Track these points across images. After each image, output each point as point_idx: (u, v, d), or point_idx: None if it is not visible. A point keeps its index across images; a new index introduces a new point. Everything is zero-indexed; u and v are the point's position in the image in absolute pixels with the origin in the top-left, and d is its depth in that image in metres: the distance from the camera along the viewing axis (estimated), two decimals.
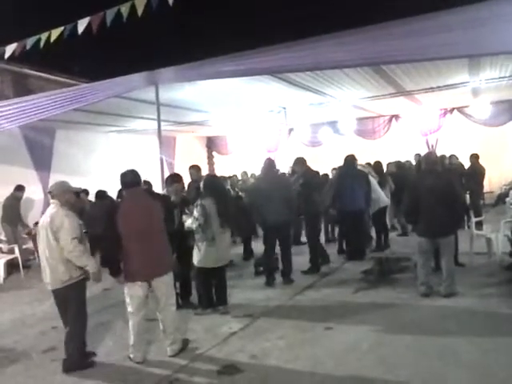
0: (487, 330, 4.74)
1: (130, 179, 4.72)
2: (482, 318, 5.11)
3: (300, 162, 8.02)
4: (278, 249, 7.33)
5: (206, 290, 6.05)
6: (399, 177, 9.65)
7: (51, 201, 4.68)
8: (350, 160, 8.63)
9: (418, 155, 10.86)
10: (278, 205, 6.88)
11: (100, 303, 6.94)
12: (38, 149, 11.27)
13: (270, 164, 7.40)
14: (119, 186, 4.91)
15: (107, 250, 4.71)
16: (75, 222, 4.56)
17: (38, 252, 5.42)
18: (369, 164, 10.16)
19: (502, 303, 5.45)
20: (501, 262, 6.96)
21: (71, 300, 4.58)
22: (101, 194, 9.74)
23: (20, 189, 9.97)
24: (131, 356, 4.68)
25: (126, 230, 4.50)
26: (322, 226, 9.95)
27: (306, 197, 7.49)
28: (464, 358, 4.16)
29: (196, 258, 5.89)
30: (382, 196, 8.90)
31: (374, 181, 8.89)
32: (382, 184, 9.18)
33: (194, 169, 7.71)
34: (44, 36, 5.87)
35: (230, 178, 10.86)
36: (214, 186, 6.08)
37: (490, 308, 5.37)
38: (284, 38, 5.94)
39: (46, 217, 4.58)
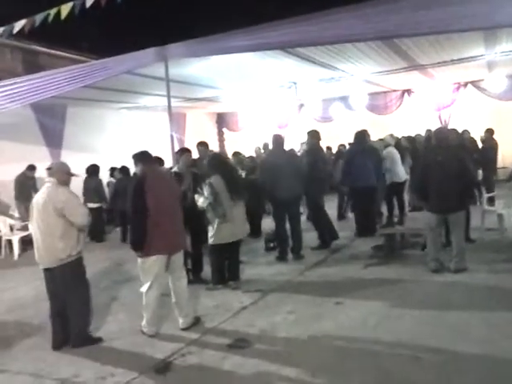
0: (497, 306, 4.75)
1: (149, 156, 4.85)
2: (491, 293, 5.11)
3: (311, 134, 8.02)
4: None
5: (218, 266, 6.11)
6: (412, 151, 9.58)
7: (48, 178, 4.64)
8: (361, 135, 8.57)
9: (429, 131, 10.72)
10: (288, 181, 6.89)
11: (112, 278, 7.09)
12: (50, 126, 11.33)
13: (278, 140, 7.39)
14: (129, 163, 4.95)
15: (137, 223, 4.62)
16: (79, 197, 4.74)
17: None
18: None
19: (511, 279, 5.43)
20: None
21: (70, 278, 4.55)
22: (126, 170, 9.80)
23: (31, 168, 10.12)
24: (144, 330, 4.77)
25: (155, 203, 4.53)
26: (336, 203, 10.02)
27: (309, 173, 7.46)
28: (473, 333, 4.18)
29: (211, 236, 5.94)
30: (399, 170, 8.85)
31: (394, 154, 8.87)
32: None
33: (203, 146, 7.64)
34: (53, 12, 5.82)
35: (236, 155, 10.64)
36: (218, 163, 6.11)
37: (500, 284, 5.36)
38: (295, 12, 5.85)
39: (42, 195, 4.52)
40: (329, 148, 13.43)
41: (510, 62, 10.12)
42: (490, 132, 10.32)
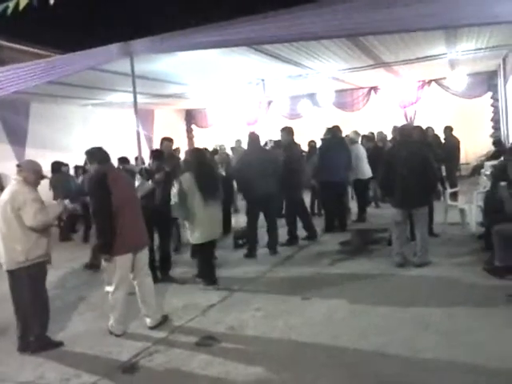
0: (458, 298, 4.88)
1: (105, 153, 4.73)
2: (453, 286, 5.26)
3: (286, 130, 8.04)
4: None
5: (203, 266, 6.05)
6: (372, 149, 9.70)
7: (15, 176, 4.49)
8: (335, 131, 8.68)
9: (395, 127, 10.95)
10: (264, 178, 6.91)
11: (79, 278, 6.99)
12: (13, 123, 11.00)
13: (254, 138, 7.45)
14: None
15: (103, 224, 4.46)
16: (39, 198, 4.44)
17: None
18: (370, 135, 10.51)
19: (473, 272, 5.59)
20: (473, 231, 7.12)
21: (26, 281, 4.40)
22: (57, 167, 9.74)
23: None
24: (112, 330, 4.71)
25: (119, 201, 4.45)
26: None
27: (287, 169, 7.48)
28: (435, 325, 4.30)
29: (190, 236, 5.92)
30: (364, 167, 9.00)
31: (360, 151, 9.09)
32: None
33: (168, 141, 7.40)
34: (12, 4, 5.67)
35: (215, 153, 10.60)
36: (194, 160, 5.92)
37: (461, 277, 5.51)
38: (262, 9, 5.87)
39: (5, 194, 4.38)
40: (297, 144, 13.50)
41: (471, 61, 10.41)
42: (449, 129, 10.60)
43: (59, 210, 4.61)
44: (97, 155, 4.68)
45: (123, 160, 8.27)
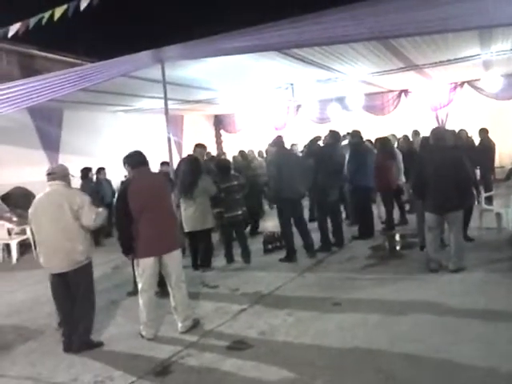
0: (494, 305, 4.74)
1: (137, 159, 4.83)
2: (489, 292, 5.10)
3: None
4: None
5: (190, 252, 7.27)
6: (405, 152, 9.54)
7: (53, 182, 4.59)
8: (358, 135, 8.61)
9: (415, 131, 10.87)
10: (293, 181, 6.92)
11: (110, 281, 7.08)
12: (47, 130, 11.30)
13: (280, 141, 7.47)
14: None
15: (120, 229, 4.73)
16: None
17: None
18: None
19: (510, 278, 5.43)
20: (510, 236, 6.92)
21: (83, 280, 4.60)
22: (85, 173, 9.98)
23: None
24: (143, 333, 4.75)
25: (137, 205, 4.56)
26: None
27: (317, 173, 7.37)
28: (470, 333, 4.18)
29: None
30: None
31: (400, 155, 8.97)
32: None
33: (200, 147, 8.06)
34: (47, 14, 5.81)
35: (248, 163, 10.66)
36: (184, 167, 7.10)
37: (497, 283, 5.36)
38: (291, 13, 5.86)
39: (55, 197, 4.50)
40: None
41: (506, 62, 10.13)
42: (484, 131, 10.32)
43: (105, 214, 4.82)
44: (130, 160, 4.82)
45: (164, 164, 8.48)
